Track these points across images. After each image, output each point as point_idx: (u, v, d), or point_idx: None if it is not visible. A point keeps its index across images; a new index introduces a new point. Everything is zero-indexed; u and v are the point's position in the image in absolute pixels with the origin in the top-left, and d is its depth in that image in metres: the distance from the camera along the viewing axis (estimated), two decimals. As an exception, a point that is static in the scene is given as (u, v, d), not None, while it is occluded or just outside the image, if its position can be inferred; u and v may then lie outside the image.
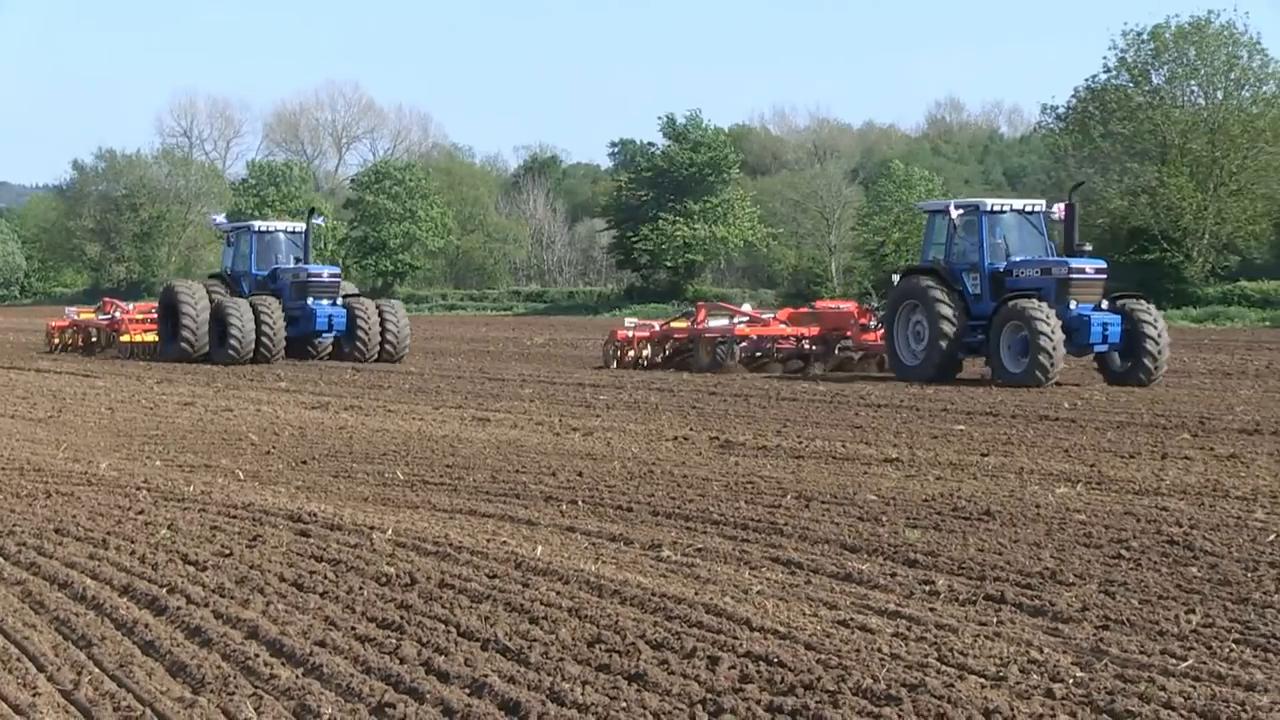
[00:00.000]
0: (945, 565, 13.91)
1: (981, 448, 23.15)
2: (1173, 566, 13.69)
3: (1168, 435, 24.66)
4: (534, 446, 23.89)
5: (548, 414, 29.45)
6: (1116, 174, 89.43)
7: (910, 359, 36.88)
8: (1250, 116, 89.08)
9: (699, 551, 14.73)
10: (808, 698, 9.58)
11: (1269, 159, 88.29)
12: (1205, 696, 9.58)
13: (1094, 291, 35.36)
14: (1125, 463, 21.24)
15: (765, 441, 24.16)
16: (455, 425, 27.54)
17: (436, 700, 9.69)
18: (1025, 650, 10.81)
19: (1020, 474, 20.04)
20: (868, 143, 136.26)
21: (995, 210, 37.26)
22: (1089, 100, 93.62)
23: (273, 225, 51.10)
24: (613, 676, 10.17)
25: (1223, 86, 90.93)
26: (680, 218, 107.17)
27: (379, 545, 14.93)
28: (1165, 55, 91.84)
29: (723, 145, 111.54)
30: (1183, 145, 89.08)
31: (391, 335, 46.83)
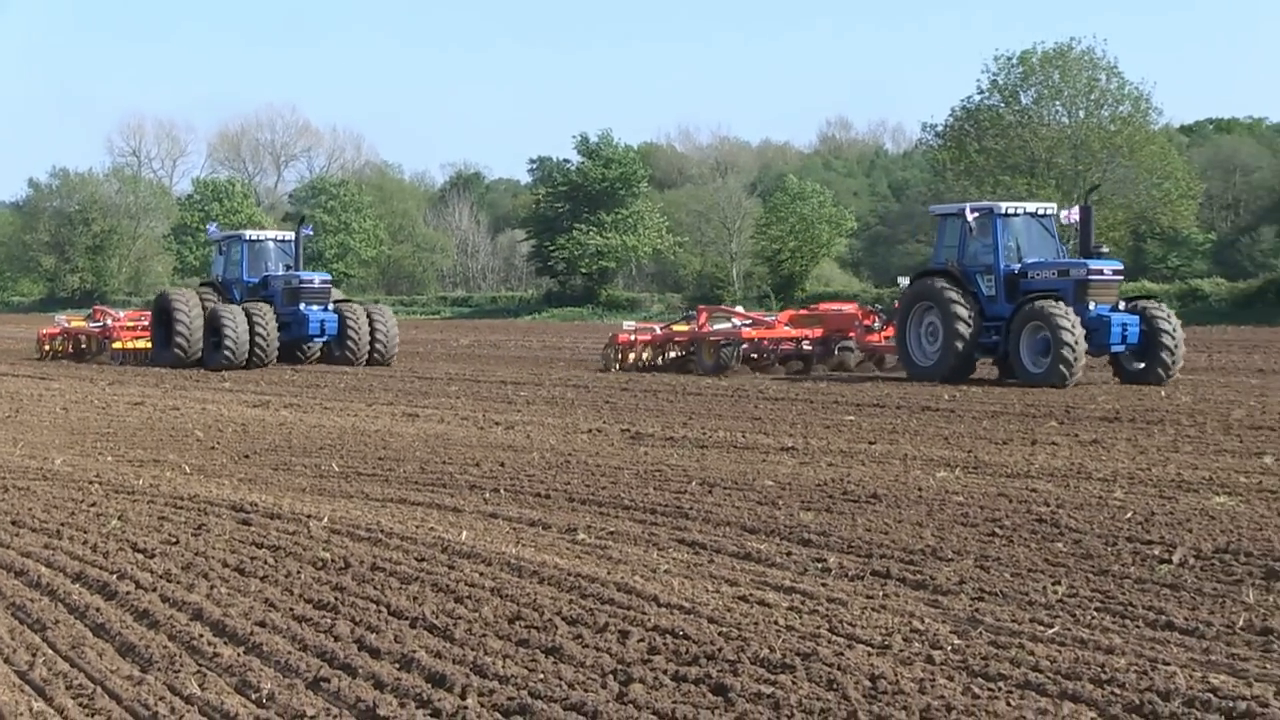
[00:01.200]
0: (836, 544, 13.93)
1: (869, 436, 23.23)
2: (1041, 543, 13.78)
3: (1037, 424, 24.81)
4: (459, 440, 23.81)
5: (472, 410, 29.37)
6: (990, 186, 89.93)
7: (923, 359, 34.77)
8: (1109, 134, 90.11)
9: (611, 534, 14.73)
10: (710, 667, 9.59)
11: (1125, 172, 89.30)
12: (1069, 660, 9.64)
13: (1111, 293, 33.45)
14: (999, 449, 21.37)
15: (672, 433, 24.17)
16: (387, 421, 27.41)
17: (368, 674, 9.65)
18: (908, 620, 10.86)
19: (904, 460, 20.12)
20: (765, 159, 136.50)
21: (1009, 213, 35.19)
22: (965, 119, 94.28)
23: (263, 234, 49.22)
24: (531, 650, 10.16)
25: (1084, 106, 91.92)
26: (594, 228, 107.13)
27: (315, 532, 14.85)
28: (1033, 78, 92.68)
29: (632, 161, 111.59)
30: (1049, 160, 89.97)
31: (381, 339, 45.07)
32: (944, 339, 33.76)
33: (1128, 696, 8.83)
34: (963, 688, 9.07)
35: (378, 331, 44.86)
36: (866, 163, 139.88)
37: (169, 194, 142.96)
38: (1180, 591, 11.72)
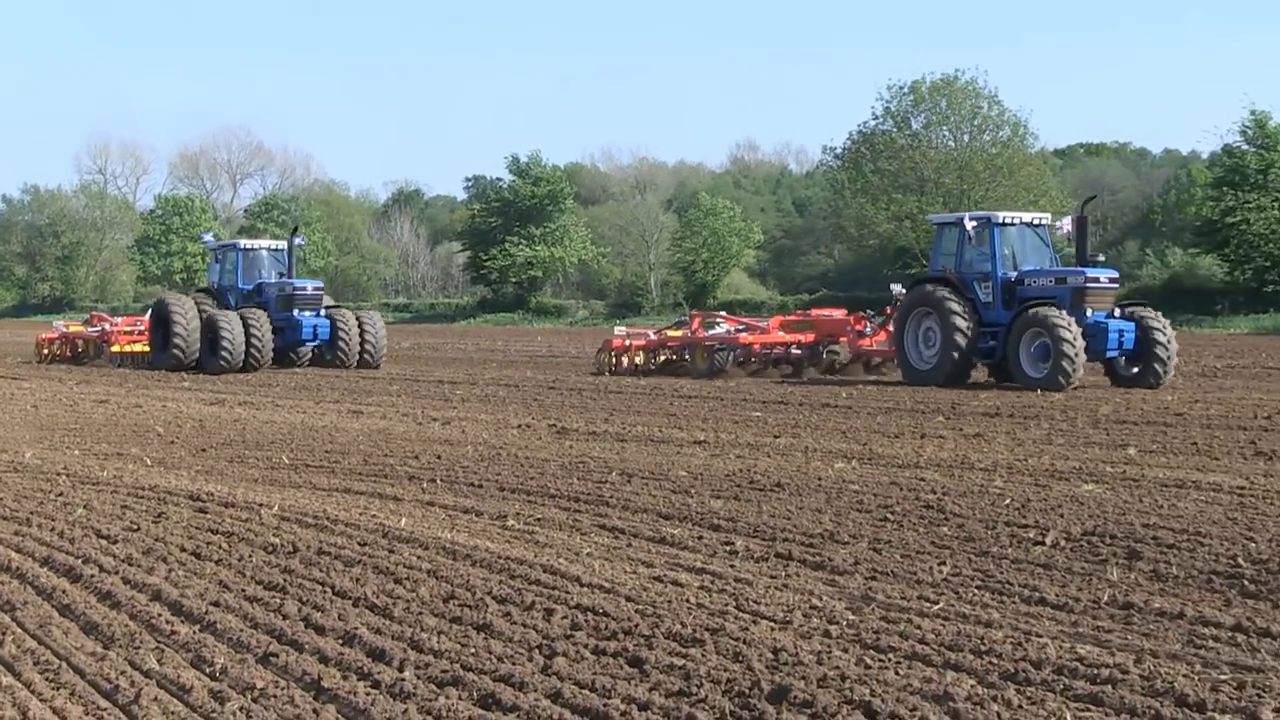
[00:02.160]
0: (743, 529, 13.96)
1: (774, 431, 23.27)
2: (928, 527, 13.85)
3: (925, 419, 24.97)
4: (400, 434, 23.72)
5: (411, 407, 29.25)
6: (884, 203, 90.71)
7: (920, 364, 33.12)
8: (990, 156, 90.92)
9: (538, 521, 14.70)
10: (627, 641, 9.60)
11: (1006, 190, 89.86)
12: (952, 633, 9.70)
13: (1107, 300, 31.89)
14: (891, 441, 21.46)
15: (595, 428, 24.15)
16: (333, 417, 27.27)
17: (314, 650, 9.61)
18: (808, 598, 10.89)
19: (806, 452, 20.17)
20: (680, 178, 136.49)
21: (1006, 223, 33.48)
22: (861, 142, 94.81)
23: (257, 243, 47.32)
24: (464, 627, 10.14)
25: (968, 131, 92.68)
26: (524, 241, 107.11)
27: (266, 520, 14.75)
28: (922, 105, 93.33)
29: (559, 180, 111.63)
30: (937, 179, 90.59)
31: (370, 343, 43.63)
32: (942, 344, 32.39)
33: (1004, 665, 8.89)
34: (856, 659, 9.11)
35: (367, 336, 43.68)
36: (772, 182, 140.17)
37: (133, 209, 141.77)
38: (1052, 570, 11.81)
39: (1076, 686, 8.45)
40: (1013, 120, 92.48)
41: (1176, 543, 12.70)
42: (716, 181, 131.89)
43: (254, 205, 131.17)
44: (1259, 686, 8.41)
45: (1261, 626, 9.81)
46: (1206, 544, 12.61)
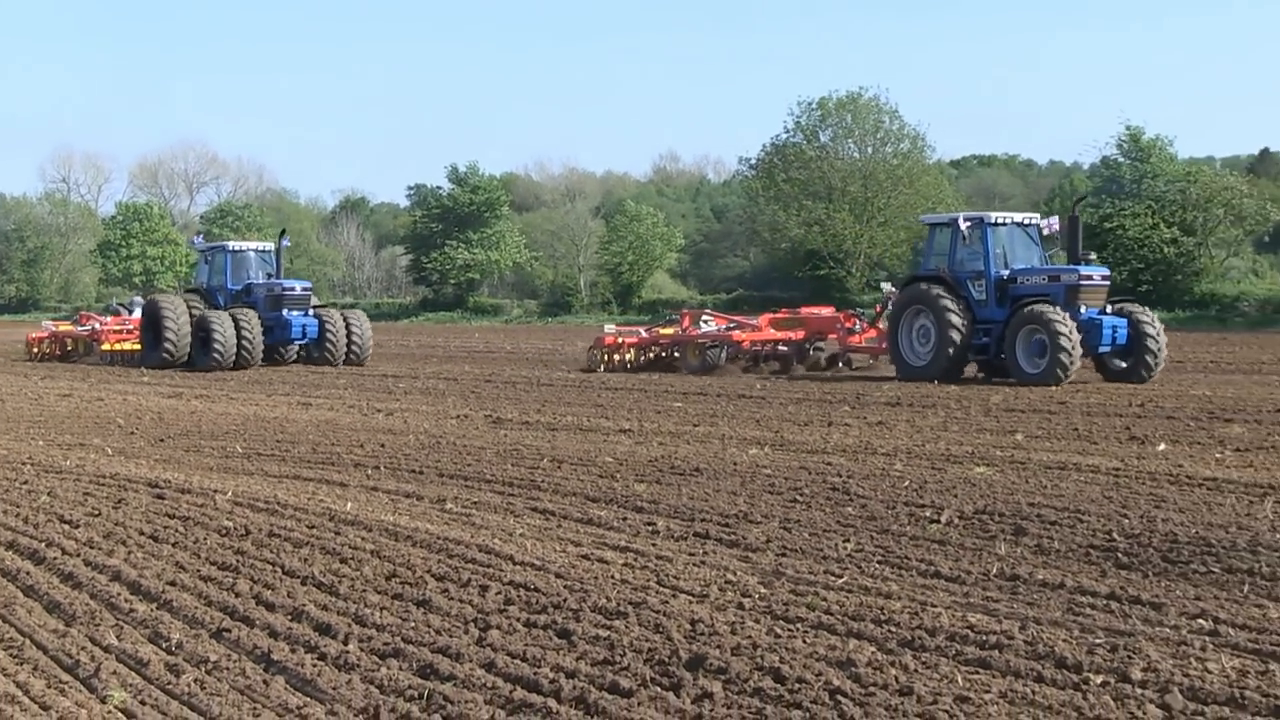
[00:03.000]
0: (664, 510, 13.99)
1: (694, 420, 23.30)
2: (834, 507, 13.91)
3: (833, 408, 25.06)
4: (346, 425, 23.60)
5: (357, 399, 29.12)
6: (795, 210, 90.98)
7: (915, 360, 31.41)
8: (892, 167, 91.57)
9: (475, 504, 14.69)
10: (556, 615, 9.61)
11: (906, 199, 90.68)
12: (855, 604, 9.75)
13: (1100, 297, 30.42)
14: (801, 429, 21.53)
15: (528, 418, 24.11)
16: (284, 409, 27.10)
17: (264, 625, 9.57)
18: (723, 574, 10.93)
19: (722, 439, 20.21)
20: (607, 186, 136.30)
21: (998, 222, 31.83)
22: (774, 154, 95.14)
23: (245, 245, 45.46)
24: (405, 603, 10.12)
25: (872, 144, 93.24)
26: (462, 244, 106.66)
27: (220, 504, 14.66)
28: (829, 120, 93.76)
29: (495, 188, 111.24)
30: (844, 188, 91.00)
31: (356, 341, 41.74)
32: (937, 341, 30.83)
33: (902, 633, 8.96)
34: (767, 629, 9.15)
35: (354, 334, 42.03)
36: (693, 190, 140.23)
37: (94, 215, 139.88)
38: (946, 546, 11.91)
39: (967, 652, 8.53)
40: (912, 134, 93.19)
41: (1058, 520, 12.83)
42: (641, 190, 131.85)
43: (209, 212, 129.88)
44: (1130, 649, 8.51)
45: (1133, 595, 9.93)
46: (1085, 520, 12.75)
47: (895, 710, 7.41)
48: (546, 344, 58.67)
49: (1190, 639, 8.76)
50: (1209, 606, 9.59)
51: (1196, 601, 9.76)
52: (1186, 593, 10.05)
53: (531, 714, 7.55)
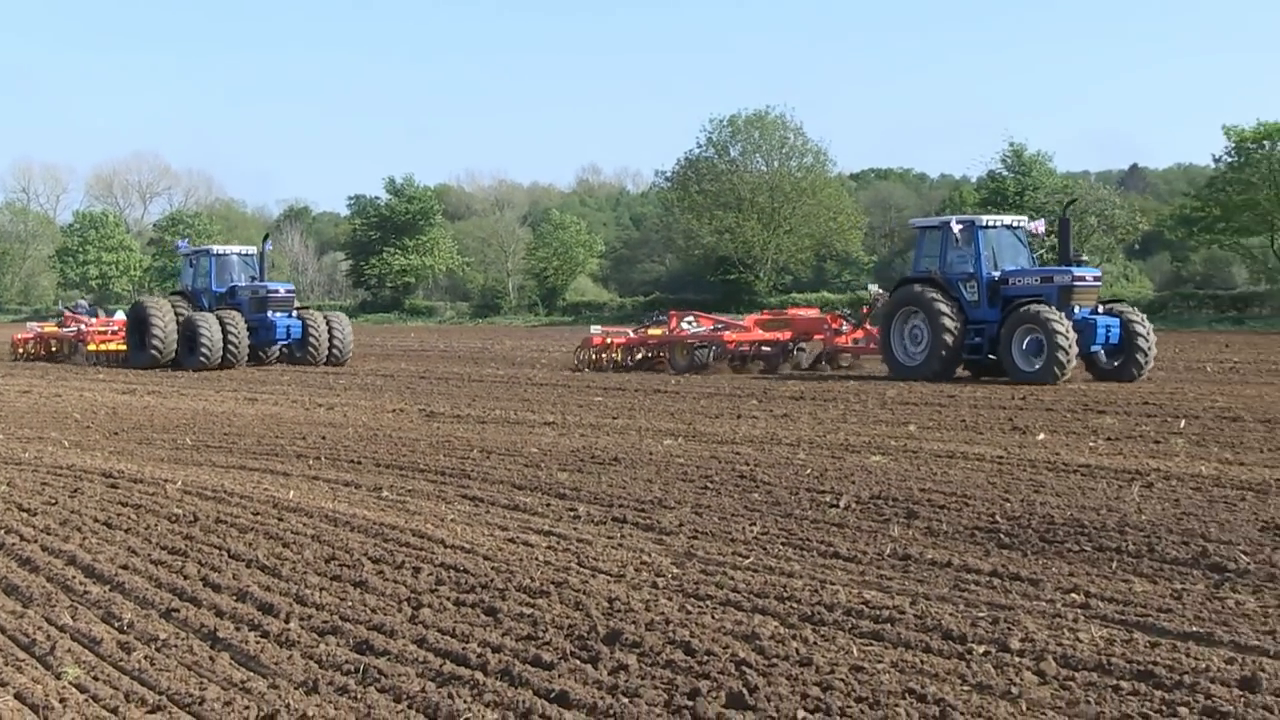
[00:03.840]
0: (585, 497, 13.97)
1: (613, 413, 23.31)
2: (742, 494, 13.95)
3: (741, 401, 25.13)
4: (289, 418, 23.43)
5: (300, 395, 28.91)
6: (708, 219, 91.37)
7: (907, 360, 30.02)
8: (796, 179, 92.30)
9: (409, 492, 14.62)
10: (484, 594, 9.58)
11: (810, 209, 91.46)
12: (760, 583, 9.79)
13: (1091, 297, 29.13)
14: (712, 421, 21.58)
15: (459, 412, 24.03)
16: (231, 404, 26.85)
17: (211, 605, 9.49)
18: (639, 555, 10.94)
19: (639, 431, 20.22)
20: (534, 196, 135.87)
21: (989, 225, 30.42)
22: (688, 167, 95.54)
23: (228, 249, 43.48)
24: (343, 583, 10.06)
25: (778, 158, 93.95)
26: (399, 251, 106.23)
27: (171, 493, 14.51)
28: (739, 136, 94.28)
29: (429, 198, 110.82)
30: (752, 199, 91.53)
31: (338, 342, 40.30)
32: (931, 341, 29.44)
33: (803, 609, 9.00)
34: (679, 606, 9.17)
35: (335, 336, 40.64)
36: (613, 200, 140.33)
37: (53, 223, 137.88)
38: (844, 529, 11.96)
39: (862, 625, 8.59)
40: (815, 149, 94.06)
41: (946, 504, 12.93)
42: (565, 200, 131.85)
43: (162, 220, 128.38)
44: (1009, 621, 8.60)
45: (1013, 572, 10.04)
46: (971, 504, 12.86)
47: (796, 680, 7.45)
48: (477, 343, 58.56)
49: (1064, 611, 8.86)
50: (1081, 582, 9.71)
51: (1070, 577, 9.87)
52: (1061, 569, 10.16)
53: (460, 686, 7.53)
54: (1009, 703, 7.06)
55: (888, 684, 7.34)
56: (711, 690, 7.30)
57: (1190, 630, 8.34)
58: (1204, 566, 10.11)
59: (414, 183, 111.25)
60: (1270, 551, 10.48)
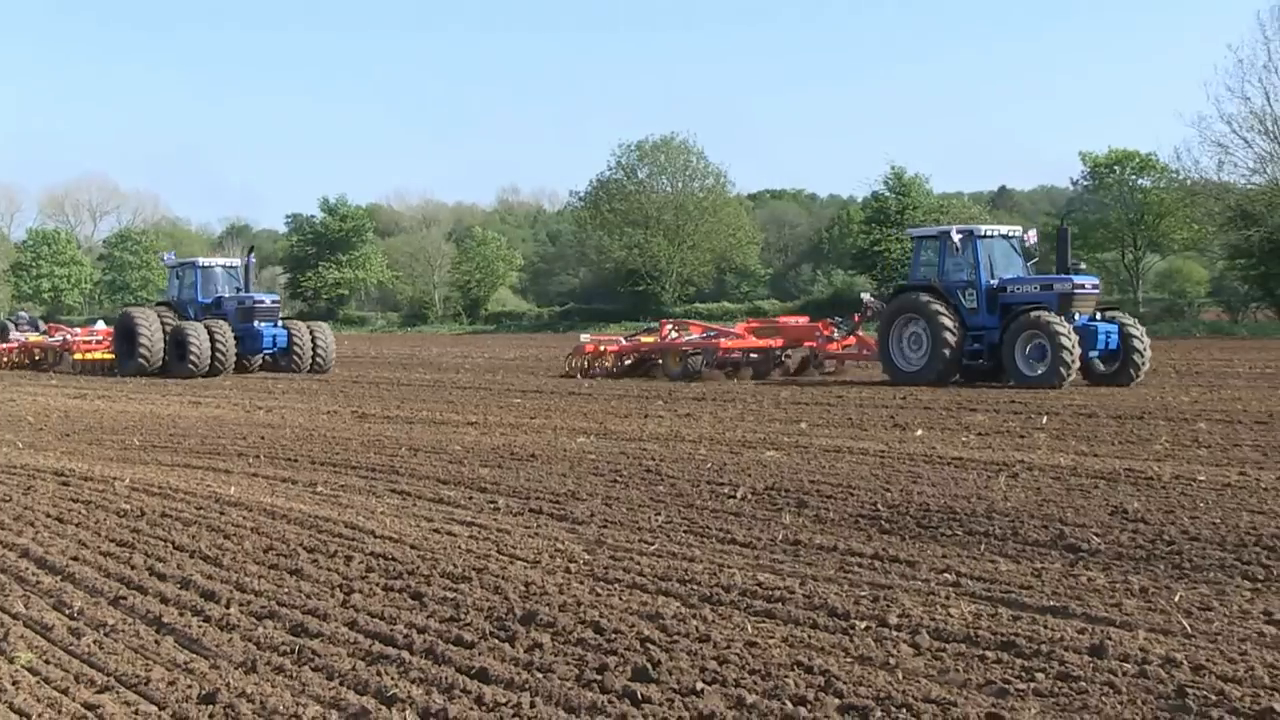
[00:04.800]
0: (505, 490, 13.94)
1: (531, 413, 23.27)
2: (648, 486, 13.97)
3: (648, 402, 25.16)
4: (231, 420, 23.18)
5: (241, 399, 28.59)
6: (618, 236, 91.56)
7: (906, 365, 28.60)
8: (699, 199, 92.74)
9: (341, 487, 14.52)
10: (410, 580, 9.55)
11: (711, 226, 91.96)
12: (664, 567, 9.83)
13: (1090, 304, 27.83)
14: (621, 420, 21.60)
15: (389, 413, 23.90)
16: (176, 408, 26.50)
17: (156, 593, 9.38)
18: (553, 543, 10.94)
19: (554, 430, 20.19)
20: (458, 215, 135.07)
21: (987, 235, 28.95)
22: (599, 188, 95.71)
23: (213, 261, 41.94)
24: (280, 571, 9.99)
25: (682, 180, 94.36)
26: (333, 265, 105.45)
27: (119, 490, 14.31)
28: (646, 159, 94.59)
29: (361, 217, 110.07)
30: (658, 217, 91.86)
31: (321, 351, 38.69)
32: (932, 347, 28.00)
33: (702, 590, 9.05)
34: (590, 589, 9.19)
35: (318, 344, 39.11)
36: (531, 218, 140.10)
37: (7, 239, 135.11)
38: (741, 517, 12.02)
39: (756, 605, 8.65)
40: (715, 171, 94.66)
41: (833, 494, 13.02)
42: (487, 218, 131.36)
43: (111, 237, 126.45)
44: (888, 599, 8.70)
45: (893, 555, 10.15)
46: (855, 494, 12.96)
47: (695, 655, 7.50)
48: (405, 350, 58.28)
49: (937, 589, 8.98)
50: (953, 563, 9.84)
51: (943, 559, 9.99)
52: (935, 552, 10.29)
53: (388, 665, 7.51)
54: (887, 672, 7.15)
55: (778, 657, 7.40)
56: (619, 665, 7.33)
57: (1048, 605, 8.49)
58: (1061, 547, 10.29)
59: (347, 202, 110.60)
60: (1118, 533, 10.69)
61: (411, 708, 6.75)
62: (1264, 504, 11.93)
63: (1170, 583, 9.08)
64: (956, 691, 6.81)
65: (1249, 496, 12.39)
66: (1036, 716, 6.37)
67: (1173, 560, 9.75)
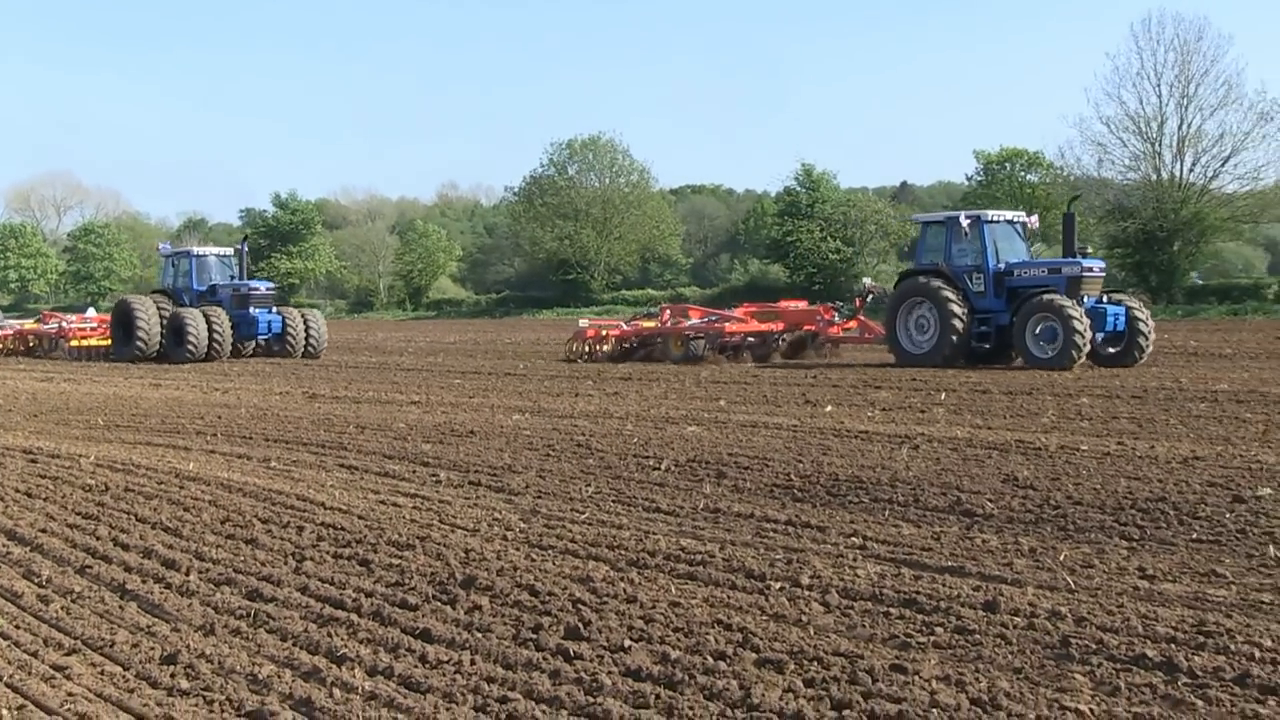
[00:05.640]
0: (446, 464, 13.88)
1: (470, 393, 23.17)
2: (579, 460, 13.96)
3: (579, 383, 25.12)
4: (189, 401, 22.89)
5: (199, 381, 28.24)
6: (550, 228, 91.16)
7: (912, 348, 27.29)
8: (625, 194, 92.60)
9: (294, 462, 14.40)
10: (358, 548, 9.50)
11: (636, 219, 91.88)
12: (594, 534, 9.82)
13: (1097, 287, 26.42)
14: (554, 399, 21.55)
15: (337, 393, 23.71)
16: (138, 389, 26.14)
17: (120, 562, 9.27)
18: (491, 513, 10.92)
19: (492, 408, 20.11)
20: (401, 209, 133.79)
21: (993, 220, 27.47)
22: (533, 183, 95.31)
23: (207, 250, 40.20)
24: (236, 541, 9.90)
25: (609, 176, 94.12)
26: (285, 256, 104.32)
27: (85, 466, 14.12)
28: (576, 157, 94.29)
29: (310, 211, 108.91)
30: (587, 211, 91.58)
31: (313, 337, 37.49)
32: (941, 329, 26.70)
33: (630, 555, 9.08)
34: (525, 555, 9.18)
35: (311, 330, 37.60)
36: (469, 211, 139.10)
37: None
38: (665, 487, 12.05)
39: (679, 568, 8.69)
40: (640, 168, 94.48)
41: (750, 465, 13.08)
42: (428, 211, 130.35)
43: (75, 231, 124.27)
44: (800, 561, 8.77)
45: (805, 521, 10.22)
46: (770, 466, 13.03)
47: (623, 614, 7.52)
48: (353, 335, 58.00)
49: (845, 552, 9.06)
50: (860, 528, 9.92)
51: (851, 524, 10.08)
52: (844, 518, 10.37)
53: (338, 626, 7.47)
54: (800, 629, 7.21)
55: (700, 616, 7.44)
56: (552, 625, 7.34)
57: (946, 565, 8.60)
58: (957, 513, 10.41)
59: (297, 197, 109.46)
60: (1009, 499, 10.83)
61: (360, 666, 6.73)
62: (1139, 471, 12.14)
63: (1056, 543, 9.22)
64: (863, 645, 6.88)
65: (1126, 464, 12.61)
66: (936, 667, 6.45)
67: (1058, 523, 9.90)
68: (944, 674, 6.33)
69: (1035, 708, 5.85)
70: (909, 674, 6.33)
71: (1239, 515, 9.91)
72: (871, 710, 5.86)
